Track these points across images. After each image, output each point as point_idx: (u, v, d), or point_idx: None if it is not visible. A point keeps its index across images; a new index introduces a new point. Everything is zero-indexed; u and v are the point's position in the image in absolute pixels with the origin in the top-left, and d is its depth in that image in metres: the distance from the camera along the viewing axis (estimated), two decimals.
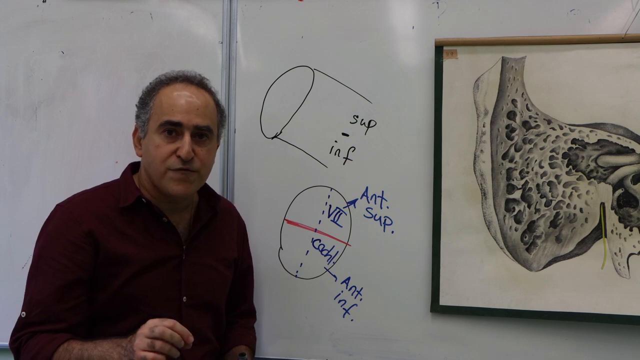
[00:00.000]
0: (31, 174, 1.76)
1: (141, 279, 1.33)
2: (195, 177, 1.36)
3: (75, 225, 1.31)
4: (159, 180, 1.34)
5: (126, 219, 1.35)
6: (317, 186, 1.67)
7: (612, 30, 1.55)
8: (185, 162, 1.32)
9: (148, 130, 1.35)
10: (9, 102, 1.78)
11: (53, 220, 1.36)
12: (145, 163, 1.37)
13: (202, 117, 1.35)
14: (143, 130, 1.37)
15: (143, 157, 1.39)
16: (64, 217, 1.34)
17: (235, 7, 1.71)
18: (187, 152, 1.31)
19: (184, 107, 1.33)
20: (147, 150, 1.36)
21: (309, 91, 1.68)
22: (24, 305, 1.31)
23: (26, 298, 1.32)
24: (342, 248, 1.66)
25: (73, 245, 1.30)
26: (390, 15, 1.66)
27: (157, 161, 1.33)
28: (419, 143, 1.63)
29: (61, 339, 1.25)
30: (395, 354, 1.63)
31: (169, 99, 1.34)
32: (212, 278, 1.45)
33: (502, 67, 1.59)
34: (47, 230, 1.35)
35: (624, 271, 1.52)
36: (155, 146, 1.33)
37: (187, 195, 1.37)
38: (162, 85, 1.37)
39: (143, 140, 1.37)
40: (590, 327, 1.55)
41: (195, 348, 1.37)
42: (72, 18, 1.76)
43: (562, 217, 1.55)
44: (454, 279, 1.59)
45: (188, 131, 1.33)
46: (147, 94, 1.38)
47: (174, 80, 1.38)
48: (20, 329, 1.30)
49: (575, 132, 1.55)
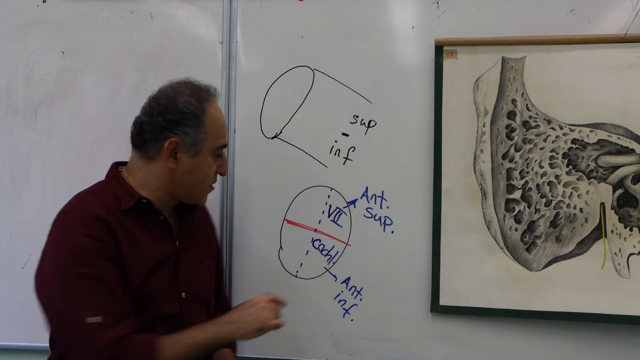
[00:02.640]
0: (31, 174, 1.76)
1: (151, 278, 1.33)
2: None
3: (98, 224, 1.27)
4: (198, 195, 1.41)
5: (129, 220, 1.34)
6: (317, 186, 1.67)
7: (612, 30, 1.55)
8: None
9: (202, 150, 1.34)
10: (9, 102, 1.78)
11: (73, 222, 1.29)
12: (188, 180, 1.36)
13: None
14: (194, 148, 1.34)
15: (184, 173, 1.35)
16: (84, 217, 1.29)
17: (235, 7, 1.71)
18: (227, 171, 1.44)
19: (225, 127, 1.43)
20: (198, 169, 1.36)
21: (309, 91, 1.68)
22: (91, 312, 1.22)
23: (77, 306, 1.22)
24: (342, 248, 1.66)
25: (103, 243, 1.27)
26: (390, 15, 1.66)
27: (209, 181, 1.40)
28: (419, 143, 1.63)
29: (153, 337, 1.26)
30: (395, 354, 1.64)
31: (219, 121, 1.39)
32: (202, 272, 1.46)
33: (502, 67, 1.59)
34: (70, 234, 1.27)
35: (624, 271, 1.52)
36: (209, 166, 1.37)
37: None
38: (207, 103, 1.36)
39: (191, 158, 1.34)
40: (590, 327, 1.55)
41: None
42: (72, 18, 1.76)
43: (562, 217, 1.55)
44: (454, 279, 1.59)
45: (224, 150, 1.41)
46: (200, 110, 1.34)
47: (212, 96, 1.39)
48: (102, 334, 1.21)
49: (575, 132, 1.55)
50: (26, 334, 1.74)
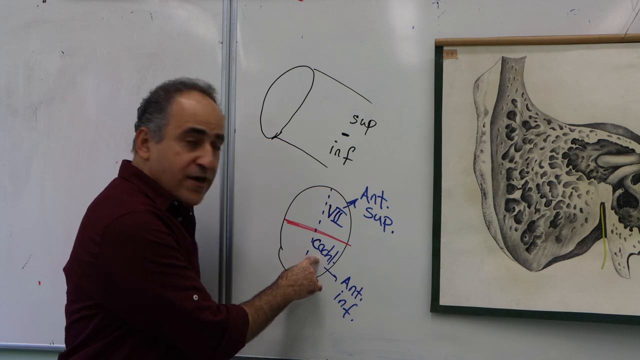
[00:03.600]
0: (31, 174, 1.76)
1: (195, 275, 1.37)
2: (206, 187, 1.41)
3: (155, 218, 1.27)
4: (174, 187, 1.35)
5: (168, 216, 1.34)
6: (317, 186, 1.67)
7: (612, 30, 1.55)
8: (204, 171, 1.35)
9: (165, 136, 1.34)
10: (9, 102, 1.78)
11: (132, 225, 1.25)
12: (159, 168, 1.36)
13: (221, 127, 1.41)
14: (158, 135, 1.35)
15: (155, 162, 1.36)
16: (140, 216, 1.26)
17: (235, 7, 1.71)
18: (210, 161, 1.35)
19: (207, 115, 1.36)
20: (163, 156, 1.35)
21: (309, 91, 1.68)
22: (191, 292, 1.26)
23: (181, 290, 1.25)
24: (342, 248, 1.66)
25: (170, 236, 1.28)
26: (390, 15, 1.66)
27: (176, 169, 1.34)
28: (419, 143, 1.63)
29: (240, 306, 1.39)
30: (395, 354, 1.63)
31: (191, 107, 1.35)
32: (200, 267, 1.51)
33: (502, 67, 1.59)
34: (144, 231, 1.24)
35: (624, 271, 1.52)
36: (175, 153, 1.33)
37: (198, 204, 1.42)
38: (178, 92, 1.37)
39: (156, 144, 1.35)
40: (590, 327, 1.55)
41: None
42: (72, 18, 1.76)
43: (562, 217, 1.55)
44: (454, 279, 1.59)
45: (209, 140, 1.36)
46: (163, 98, 1.37)
47: (190, 88, 1.39)
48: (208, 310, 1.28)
49: (575, 132, 1.55)
50: (26, 334, 1.74)
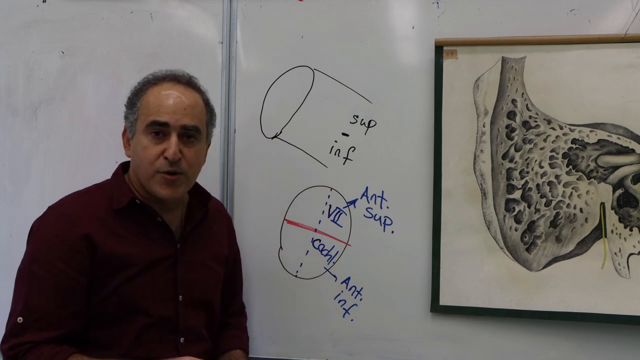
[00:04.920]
0: (31, 174, 1.76)
1: (138, 280, 1.32)
2: (182, 180, 1.33)
3: (71, 229, 1.29)
4: (147, 182, 1.33)
5: (120, 221, 1.33)
6: (317, 186, 1.67)
7: (612, 30, 1.55)
8: (173, 164, 1.30)
9: (136, 131, 1.34)
10: (9, 102, 1.78)
11: (46, 223, 1.33)
12: (134, 164, 1.36)
13: (190, 117, 1.32)
14: (131, 130, 1.35)
15: (132, 158, 1.37)
16: (58, 220, 1.32)
17: (235, 7, 1.71)
18: (173, 153, 1.29)
19: (171, 106, 1.31)
20: (135, 151, 1.34)
21: (309, 91, 1.68)
22: (19, 311, 1.25)
23: (19, 303, 1.26)
24: (342, 248, 1.66)
25: (70, 248, 1.27)
26: (390, 15, 1.66)
27: (145, 163, 1.31)
28: (419, 143, 1.63)
29: (66, 353, 1.23)
30: (395, 354, 1.63)
31: (155, 99, 1.32)
32: (206, 276, 1.45)
33: (502, 67, 1.59)
34: (40, 234, 1.31)
35: (624, 271, 1.52)
36: (143, 147, 1.31)
37: (175, 198, 1.36)
38: (150, 85, 1.36)
39: (131, 141, 1.36)
40: (590, 327, 1.55)
41: (192, 346, 1.37)
42: (72, 18, 1.76)
43: (562, 217, 1.55)
44: (454, 279, 1.59)
45: (175, 132, 1.30)
46: (135, 94, 1.37)
47: (161, 80, 1.36)
48: (17, 335, 1.24)
49: (575, 132, 1.55)
50: None
